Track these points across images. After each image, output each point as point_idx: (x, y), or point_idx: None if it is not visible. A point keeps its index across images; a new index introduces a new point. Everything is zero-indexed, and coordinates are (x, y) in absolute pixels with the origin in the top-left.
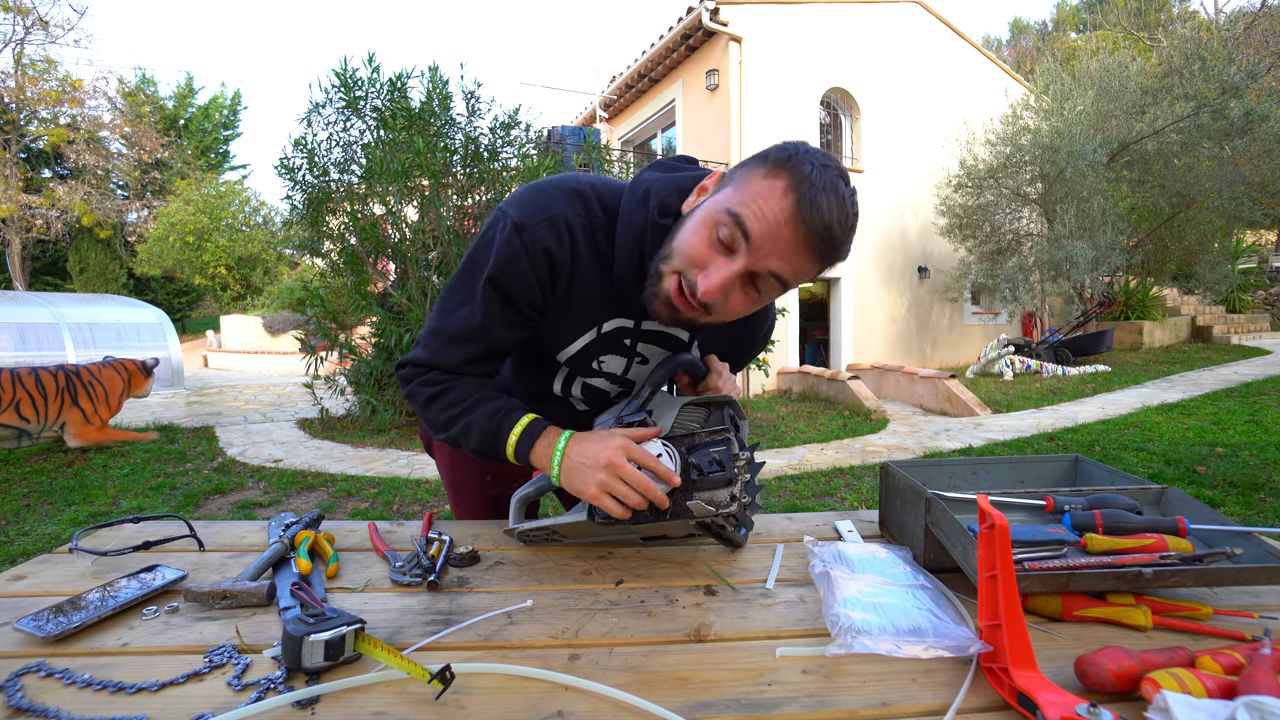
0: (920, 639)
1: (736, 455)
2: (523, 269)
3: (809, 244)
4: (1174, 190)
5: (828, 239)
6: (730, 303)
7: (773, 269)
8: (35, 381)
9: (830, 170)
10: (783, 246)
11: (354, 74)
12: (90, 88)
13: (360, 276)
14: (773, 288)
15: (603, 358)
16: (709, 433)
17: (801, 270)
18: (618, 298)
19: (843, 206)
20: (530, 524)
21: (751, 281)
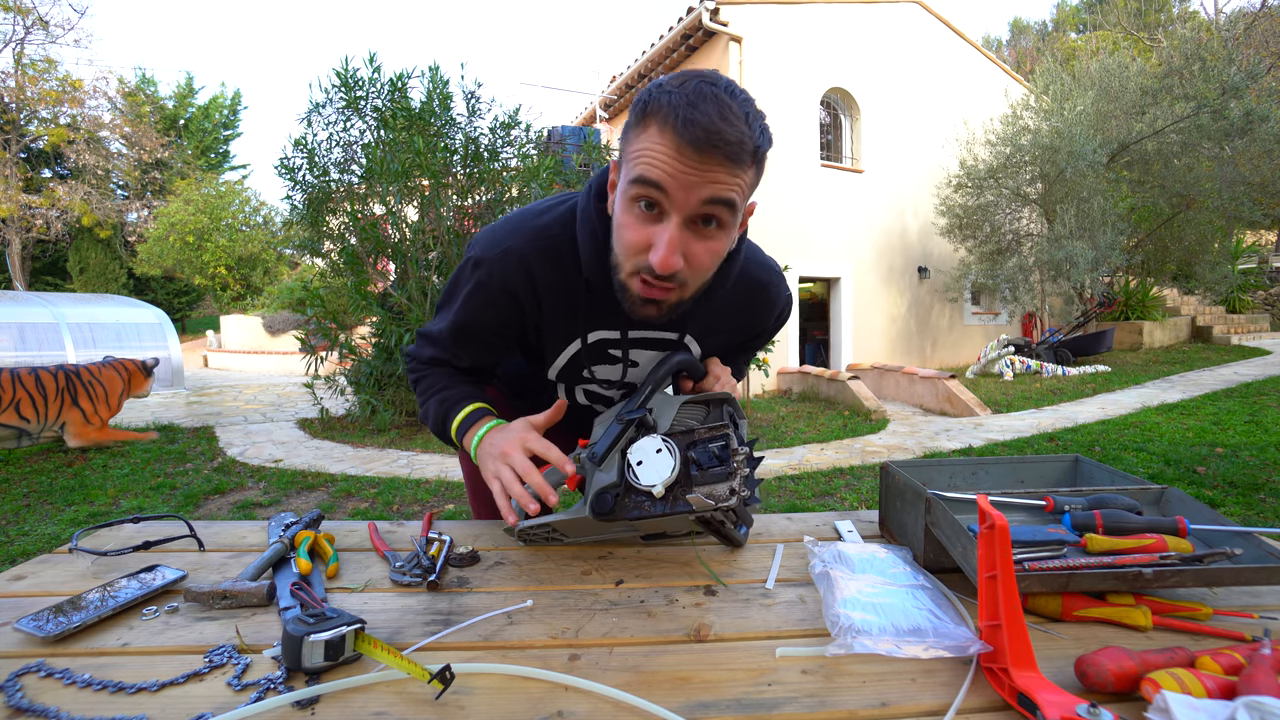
0: (920, 639)
1: (735, 450)
2: (481, 302)
3: (711, 154)
4: (1174, 190)
5: (723, 136)
6: (694, 259)
7: (702, 199)
8: (35, 381)
9: (689, 83)
10: (691, 173)
11: (354, 74)
12: (90, 88)
13: (360, 276)
14: (722, 215)
15: (593, 368)
16: (708, 428)
17: (729, 181)
18: (598, 309)
19: (720, 101)
20: (530, 522)
21: (697, 225)
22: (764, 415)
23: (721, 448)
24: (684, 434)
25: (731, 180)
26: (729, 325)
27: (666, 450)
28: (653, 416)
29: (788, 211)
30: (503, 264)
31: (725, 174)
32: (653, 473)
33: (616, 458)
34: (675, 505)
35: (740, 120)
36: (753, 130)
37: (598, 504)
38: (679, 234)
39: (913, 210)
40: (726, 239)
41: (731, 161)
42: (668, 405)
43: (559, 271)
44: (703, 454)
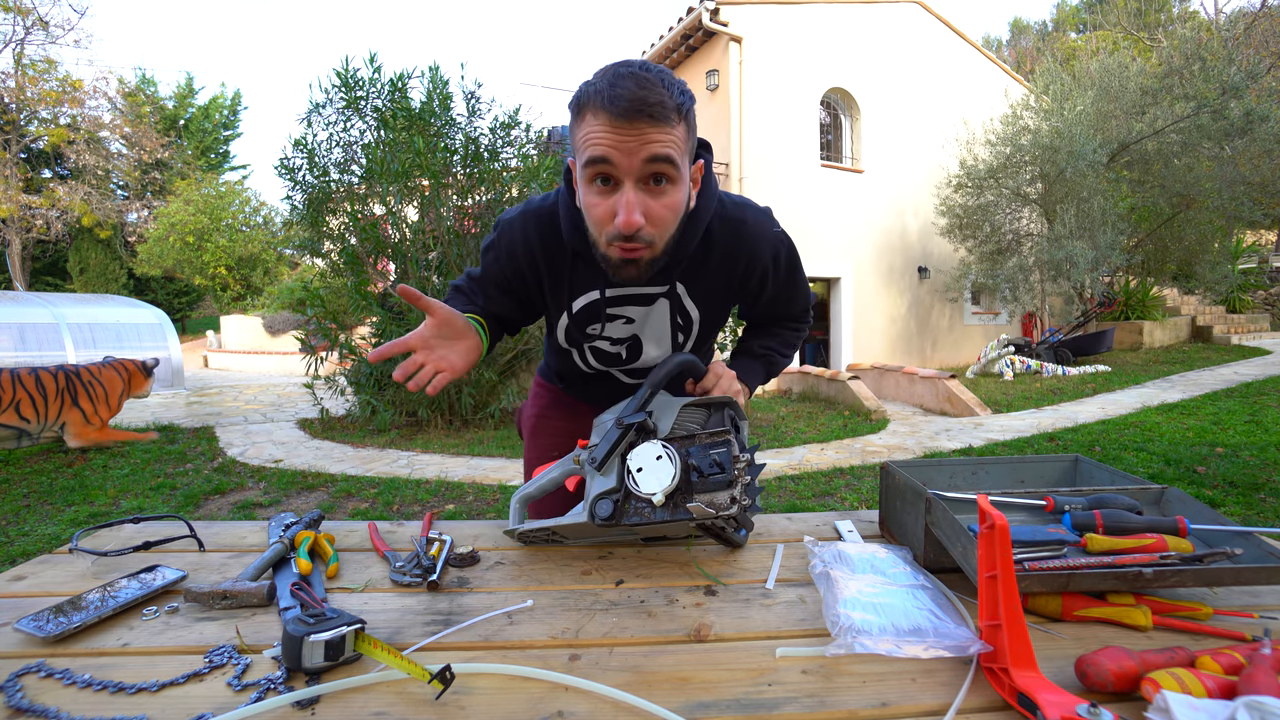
0: (921, 639)
1: (737, 457)
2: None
3: (639, 118)
4: (1174, 190)
5: (645, 100)
6: (653, 214)
7: (644, 159)
8: (35, 382)
9: (609, 70)
10: (628, 139)
11: (355, 74)
12: (90, 88)
13: (360, 277)
14: (668, 171)
15: (592, 326)
16: (709, 434)
17: (663, 139)
18: (583, 271)
19: (636, 75)
20: (530, 525)
21: (649, 185)
22: (764, 415)
23: (722, 455)
24: (684, 439)
25: (664, 137)
26: (721, 272)
27: (667, 457)
28: (653, 420)
29: (788, 212)
30: (510, 230)
31: (657, 133)
32: (653, 480)
33: (616, 463)
34: (676, 513)
35: (657, 85)
36: (671, 92)
37: (598, 510)
38: (635, 195)
39: (913, 210)
40: (679, 192)
41: (659, 120)
42: (668, 408)
43: (554, 242)
44: (703, 461)
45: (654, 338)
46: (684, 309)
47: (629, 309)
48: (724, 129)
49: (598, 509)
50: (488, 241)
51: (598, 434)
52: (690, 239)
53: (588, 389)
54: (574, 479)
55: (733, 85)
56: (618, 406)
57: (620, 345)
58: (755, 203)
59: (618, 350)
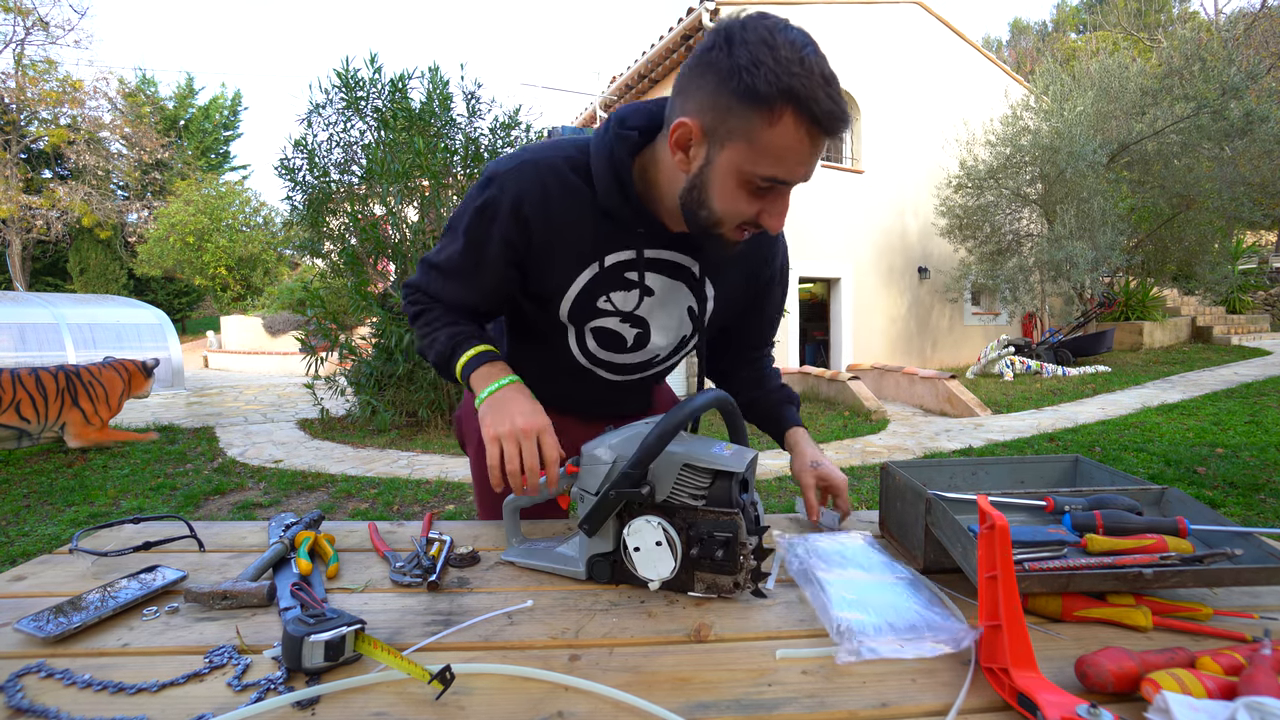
0: (918, 635)
1: (743, 544)
2: (489, 219)
3: (842, 126)
4: (1174, 191)
5: (840, 119)
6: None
7: (808, 172)
8: (35, 382)
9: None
10: (809, 158)
11: (355, 74)
12: (90, 88)
13: (360, 277)
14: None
15: (611, 294)
16: (714, 512)
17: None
18: (611, 230)
19: (833, 74)
20: (527, 562)
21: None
22: None
23: (727, 540)
24: (686, 511)
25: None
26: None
27: (667, 545)
28: (650, 479)
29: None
30: (518, 176)
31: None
32: (651, 566)
33: (612, 527)
34: (679, 584)
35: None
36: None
37: (596, 574)
38: (788, 203)
39: (913, 210)
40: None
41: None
42: (667, 468)
43: (573, 195)
44: (706, 544)
45: (665, 326)
46: (703, 292)
47: (657, 278)
48: None
49: (596, 573)
50: (480, 201)
51: (589, 475)
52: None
53: (559, 390)
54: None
55: None
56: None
57: (630, 325)
58: None
59: (624, 332)
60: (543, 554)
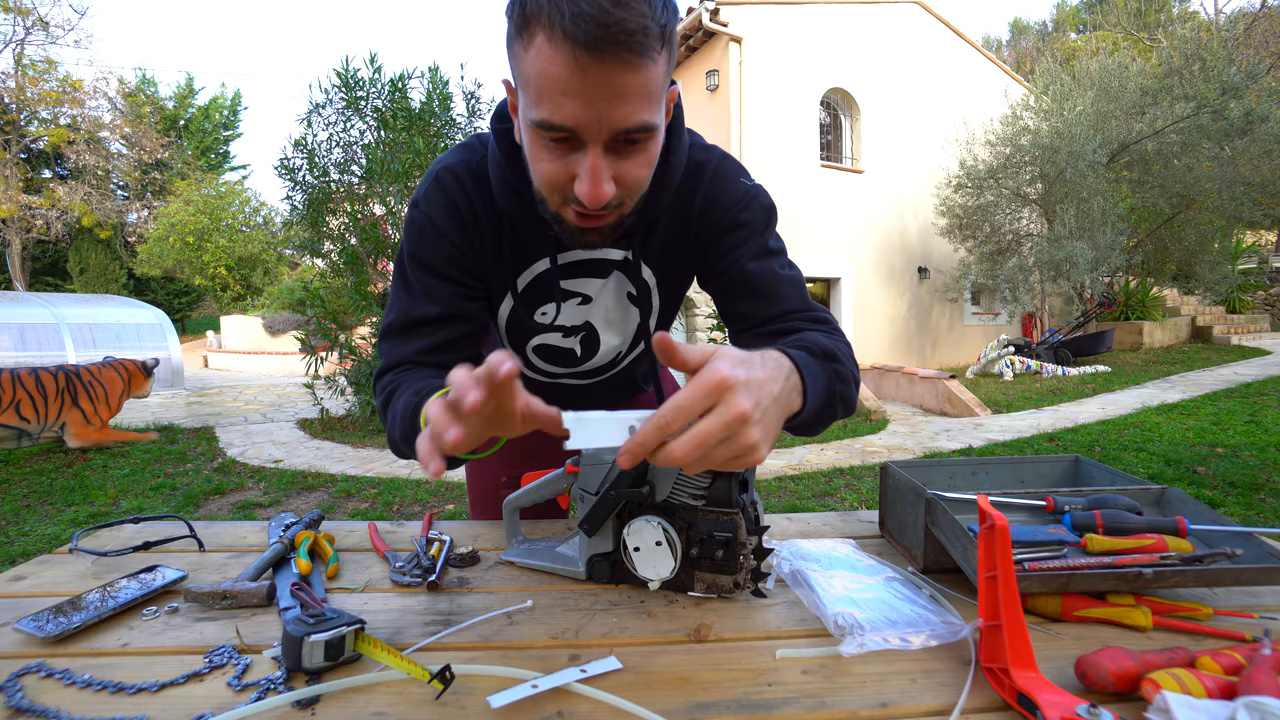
0: (917, 630)
1: (743, 543)
2: (432, 237)
3: (607, 57)
4: (1174, 191)
5: (620, 24)
6: (627, 178)
7: (617, 130)
8: (35, 382)
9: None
10: (597, 90)
11: (355, 74)
12: (90, 88)
13: (360, 277)
14: (644, 127)
15: (541, 308)
16: (714, 512)
17: (640, 89)
18: (522, 240)
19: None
20: (527, 562)
21: (621, 143)
22: None
23: (727, 540)
24: (685, 510)
25: (644, 85)
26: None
27: (667, 545)
28: (650, 478)
29: (788, 212)
30: (439, 189)
31: (636, 78)
32: (650, 566)
33: (612, 526)
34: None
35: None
36: (654, 4)
37: (596, 574)
38: (602, 161)
39: (913, 210)
40: (655, 145)
41: (640, 53)
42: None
43: (487, 209)
44: (706, 545)
45: (611, 321)
46: (639, 278)
47: (584, 282)
48: (724, 129)
49: (596, 573)
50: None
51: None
52: (663, 193)
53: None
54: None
55: (732, 85)
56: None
57: (573, 337)
58: (724, 151)
59: (570, 345)
60: (543, 554)
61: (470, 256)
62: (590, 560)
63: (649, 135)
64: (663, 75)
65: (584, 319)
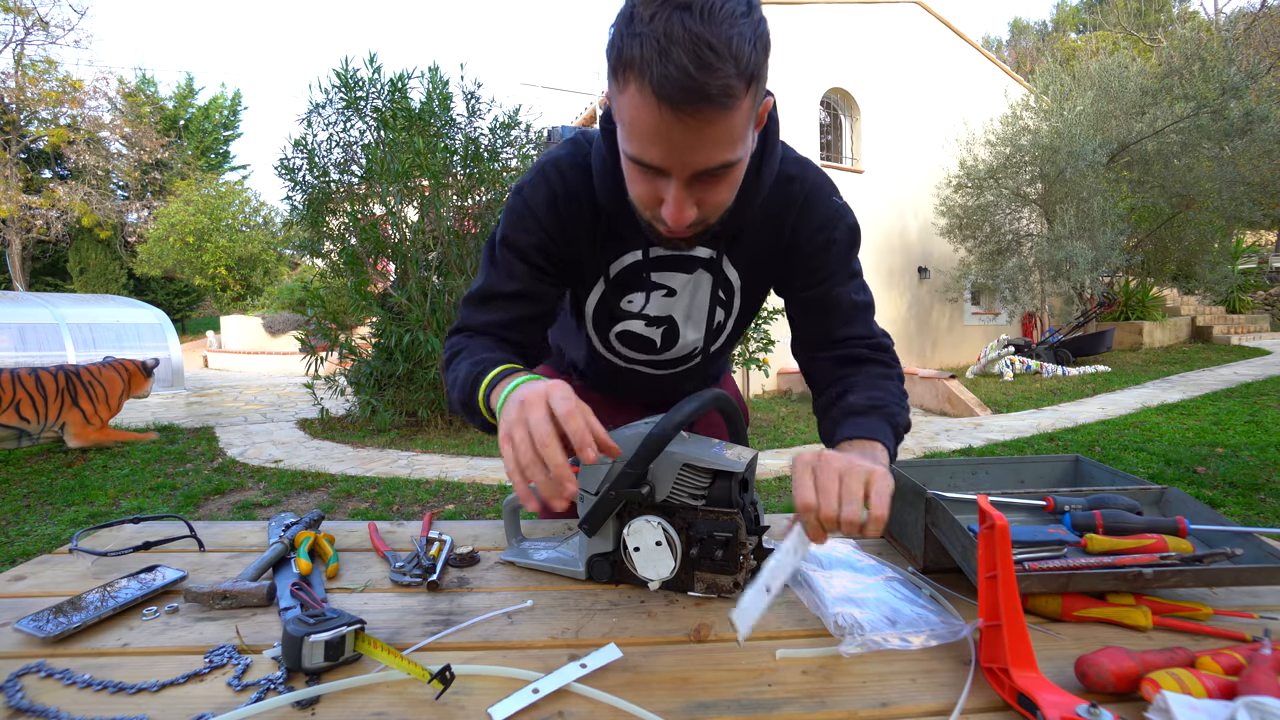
0: (917, 630)
1: (743, 544)
2: (529, 223)
3: (698, 110)
4: (1174, 190)
5: (705, 90)
6: (709, 203)
7: (699, 168)
8: (35, 382)
9: (660, 14)
10: (681, 140)
11: (355, 74)
12: (90, 88)
13: (360, 277)
14: (725, 164)
15: (629, 297)
16: (714, 512)
17: (722, 136)
18: (617, 232)
19: (695, 39)
20: (527, 562)
21: (704, 176)
22: (764, 415)
23: (727, 540)
24: (685, 510)
25: (727, 132)
26: (766, 230)
27: (667, 545)
28: (650, 479)
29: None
30: (543, 178)
31: (718, 127)
32: (650, 566)
33: (612, 526)
34: (678, 584)
35: (723, 53)
36: (739, 58)
37: (596, 574)
38: (685, 192)
39: (913, 210)
40: (739, 169)
41: (722, 107)
42: (667, 467)
43: (576, 199)
44: (706, 545)
45: (692, 316)
46: (725, 277)
47: (671, 275)
48: None
49: (596, 572)
50: (512, 216)
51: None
52: (751, 203)
53: (615, 383)
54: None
55: None
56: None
57: (655, 328)
58: (816, 164)
59: (651, 334)
60: (542, 554)
61: (561, 245)
62: (590, 560)
63: (731, 168)
64: (746, 114)
65: (667, 311)
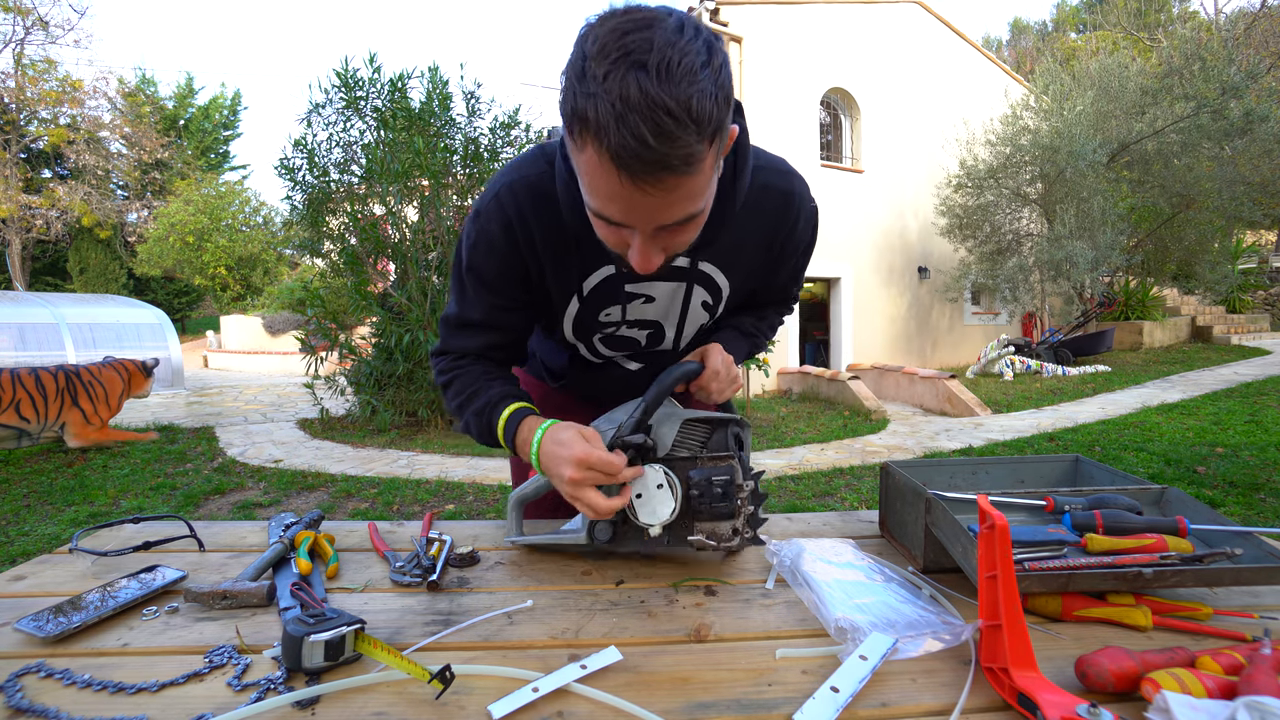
0: (919, 633)
1: (740, 485)
2: (486, 251)
3: (650, 183)
4: (1174, 190)
5: (665, 161)
6: (675, 246)
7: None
8: (35, 382)
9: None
10: (641, 202)
11: (355, 74)
12: (90, 88)
13: (360, 277)
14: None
15: (607, 310)
16: (712, 457)
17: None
18: (584, 249)
19: (653, 105)
20: (529, 539)
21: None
22: (764, 415)
23: (725, 482)
24: (686, 461)
25: (689, 189)
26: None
27: (668, 487)
28: (652, 436)
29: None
30: (498, 205)
31: (682, 189)
32: (652, 511)
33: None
34: (676, 542)
35: (683, 119)
36: (701, 120)
37: (597, 535)
38: (650, 243)
39: (913, 210)
40: (705, 215)
41: (685, 174)
42: (669, 421)
43: (550, 215)
44: (705, 488)
45: (677, 319)
46: (706, 276)
47: (650, 285)
48: None
49: (597, 533)
50: (473, 239)
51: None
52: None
53: (589, 381)
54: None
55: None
56: (615, 413)
57: (640, 330)
58: (791, 166)
59: (635, 336)
60: (544, 532)
61: (522, 270)
62: (591, 524)
63: (695, 217)
64: (710, 167)
65: (650, 316)
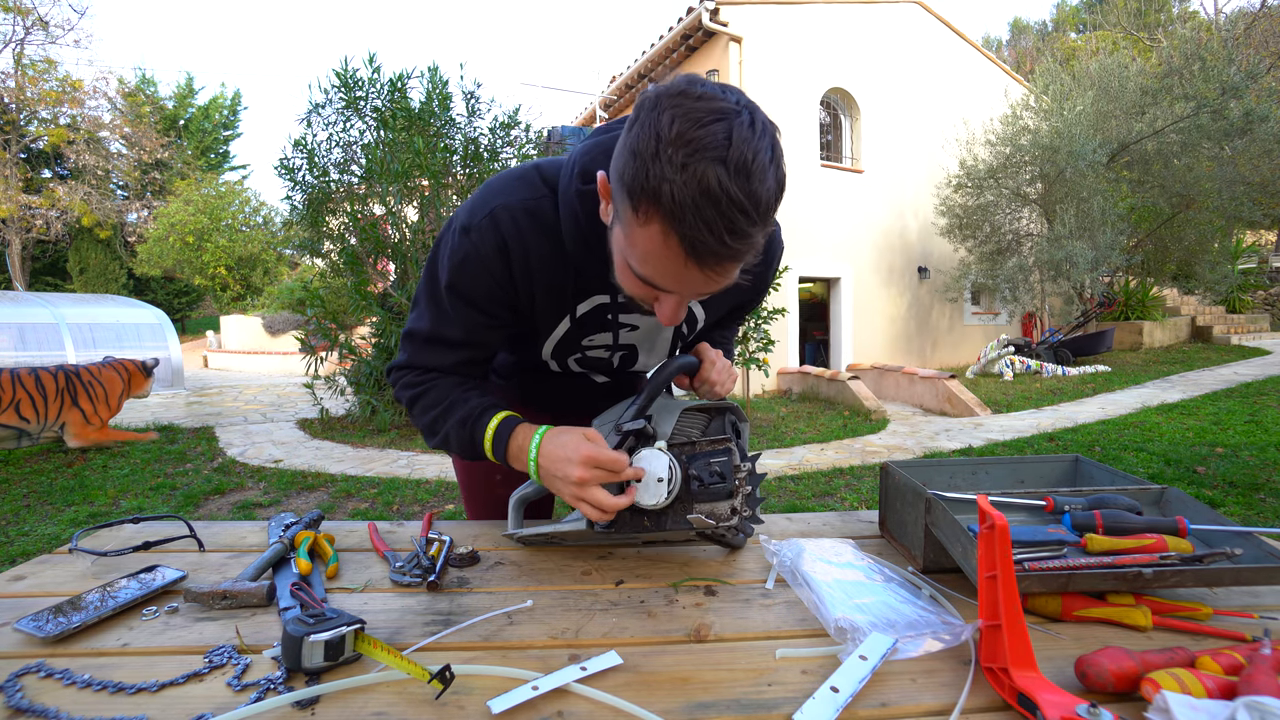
0: (919, 633)
1: (738, 467)
2: (476, 270)
3: (718, 269)
4: (1174, 190)
5: (735, 254)
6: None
7: (708, 292)
8: (35, 382)
9: (692, 166)
10: (697, 283)
11: (354, 74)
12: (90, 88)
13: (360, 277)
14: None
15: (592, 336)
16: (710, 441)
17: (730, 274)
18: (585, 276)
19: (731, 202)
20: (530, 530)
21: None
22: (764, 415)
23: (723, 464)
24: (685, 445)
25: (734, 271)
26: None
27: (667, 465)
28: (652, 425)
29: (788, 212)
30: (492, 224)
31: (731, 271)
32: (650, 493)
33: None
34: (676, 523)
35: (754, 216)
36: (767, 213)
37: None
38: (683, 302)
39: (913, 210)
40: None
41: (741, 260)
42: (668, 411)
43: (544, 232)
44: (704, 470)
45: (654, 346)
46: (692, 315)
47: (637, 317)
48: None
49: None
50: (461, 254)
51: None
52: None
53: (548, 390)
54: None
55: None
56: (616, 409)
57: (615, 354)
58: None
59: (609, 358)
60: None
61: (510, 292)
62: None
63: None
64: (751, 264)
65: (630, 341)
